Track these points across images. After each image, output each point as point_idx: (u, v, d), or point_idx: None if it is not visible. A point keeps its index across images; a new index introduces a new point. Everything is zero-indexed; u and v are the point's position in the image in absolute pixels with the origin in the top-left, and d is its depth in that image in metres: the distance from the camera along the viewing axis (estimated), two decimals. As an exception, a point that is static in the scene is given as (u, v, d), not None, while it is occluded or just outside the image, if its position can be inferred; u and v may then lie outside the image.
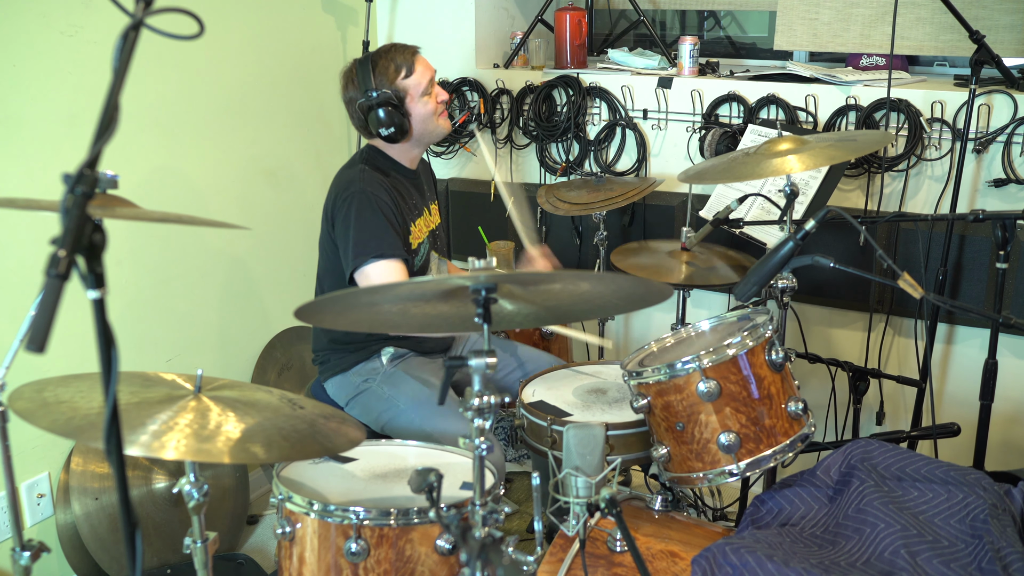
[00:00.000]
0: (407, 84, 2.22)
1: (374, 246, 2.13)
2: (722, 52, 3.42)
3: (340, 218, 2.18)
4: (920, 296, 1.68)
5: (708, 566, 1.54)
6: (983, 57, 2.36)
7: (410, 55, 2.25)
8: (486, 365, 1.38)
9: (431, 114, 2.27)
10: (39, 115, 2.26)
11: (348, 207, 2.16)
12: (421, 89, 2.24)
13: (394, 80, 2.21)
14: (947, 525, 1.57)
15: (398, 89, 2.22)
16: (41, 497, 2.38)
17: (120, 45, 0.99)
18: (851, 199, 2.73)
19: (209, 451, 1.40)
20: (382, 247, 2.13)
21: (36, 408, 1.45)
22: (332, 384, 2.33)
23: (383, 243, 2.13)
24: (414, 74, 2.23)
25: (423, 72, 2.25)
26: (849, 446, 1.77)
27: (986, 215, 2.11)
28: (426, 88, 2.25)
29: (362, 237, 2.14)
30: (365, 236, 2.14)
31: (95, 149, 0.96)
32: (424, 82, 2.24)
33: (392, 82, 2.21)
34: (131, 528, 1.05)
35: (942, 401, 2.75)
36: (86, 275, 0.95)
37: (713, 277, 2.51)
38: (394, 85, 2.21)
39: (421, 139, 2.31)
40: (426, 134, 2.30)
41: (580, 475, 1.68)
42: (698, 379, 1.76)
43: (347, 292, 1.41)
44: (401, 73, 2.22)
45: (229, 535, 2.72)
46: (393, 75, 2.21)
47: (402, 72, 2.22)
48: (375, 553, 1.62)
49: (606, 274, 1.53)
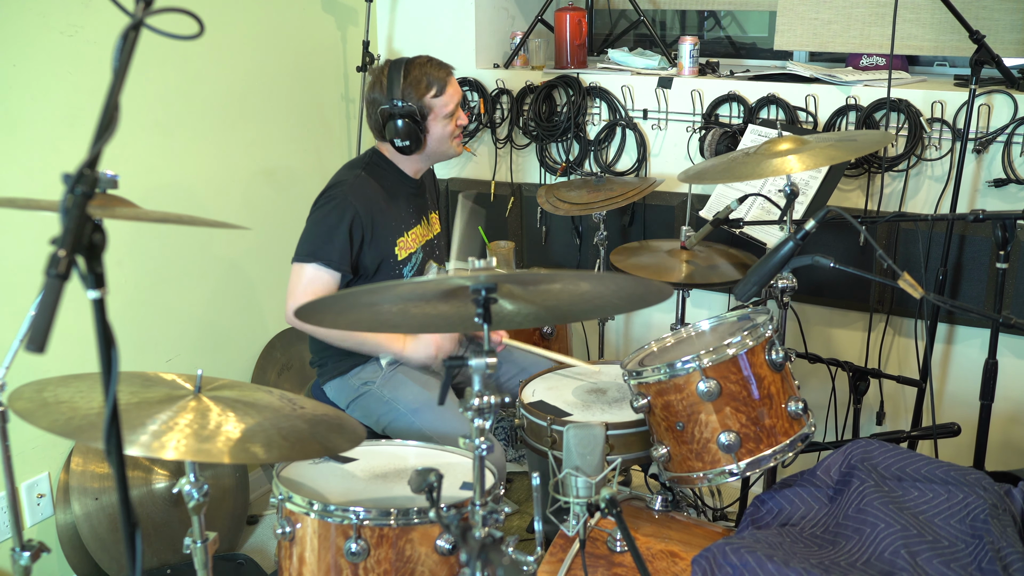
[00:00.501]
0: (435, 103, 2.22)
1: (318, 250, 2.14)
2: (722, 52, 3.42)
3: (316, 209, 2.21)
4: (920, 296, 1.68)
5: (708, 566, 1.54)
6: (983, 57, 2.36)
7: (444, 74, 2.24)
8: (486, 365, 1.37)
9: (448, 136, 2.27)
10: (39, 115, 2.26)
11: (322, 205, 2.19)
12: (447, 111, 2.24)
13: (423, 96, 2.20)
14: (947, 525, 1.57)
15: (424, 105, 2.21)
16: (41, 497, 2.38)
17: (120, 45, 0.99)
18: (851, 199, 2.73)
19: (209, 451, 1.40)
20: (329, 256, 2.14)
21: (36, 408, 1.45)
22: (331, 387, 2.33)
23: (332, 254, 2.14)
24: (444, 95, 2.22)
25: (452, 95, 2.24)
26: (849, 446, 1.77)
27: (986, 215, 2.11)
28: (452, 111, 2.24)
29: (313, 235, 2.16)
30: (316, 236, 2.15)
31: (95, 149, 0.96)
32: (452, 105, 2.24)
33: (420, 97, 2.20)
34: (131, 528, 1.05)
35: (942, 401, 2.75)
36: (86, 275, 0.95)
37: (713, 277, 2.51)
38: (421, 101, 2.20)
39: (432, 157, 2.32)
40: (437, 153, 2.31)
41: (580, 475, 1.68)
42: (698, 379, 1.76)
43: (346, 292, 1.41)
44: (432, 91, 2.21)
45: (229, 535, 2.72)
46: (424, 90, 2.20)
47: (432, 90, 2.21)
48: (375, 553, 1.62)
49: (606, 274, 1.53)
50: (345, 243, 2.15)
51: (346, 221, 2.15)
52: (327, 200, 2.19)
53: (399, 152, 2.25)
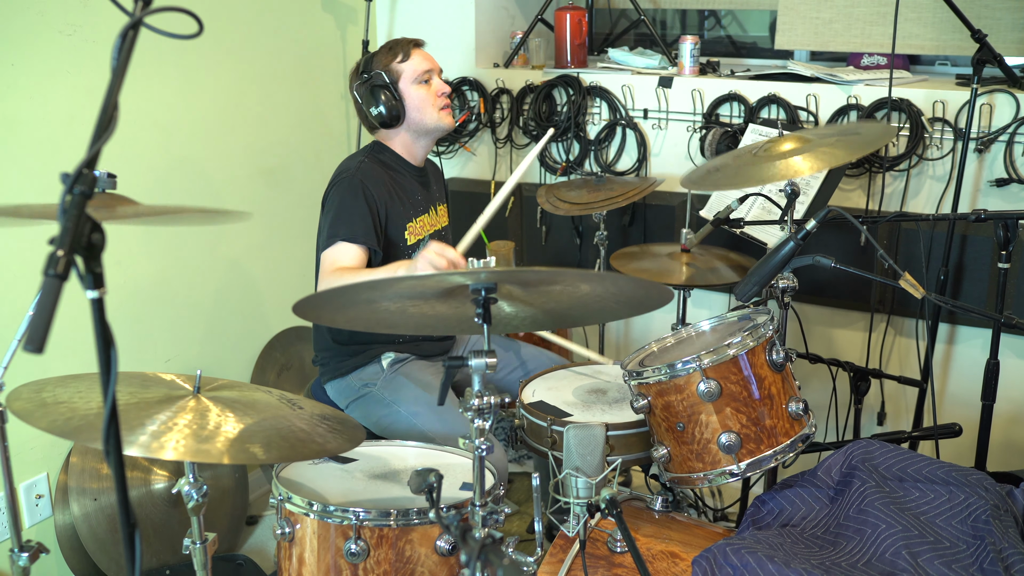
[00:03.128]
0: (401, 67, 2.23)
1: (345, 230, 2.12)
2: (723, 51, 3.42)
3: (327, 203, 2.20)
4: (921, 296, 1.68)
5: (708, 567, 1.53)
6: (985, 56, 2.36)
7: (409, 44, 2.26)
8: (486, 365, 1.37)
9: (427, 103, 2.25)
10: (37, 115, 2.25)
11: (335, 191, 2.18)
12: (415, 76, 2.24)
13: (389, 63, 2.23)
14: (948, 526, 1.57)
15: (391, 72, 2.23)
16: (40, 498, 2.38)
17: (119, 44, 0.99)
18: (852, 199, 2.73)
19: (208, 451, 1.39)
20: (352, 232, 2.12)
21: (35, 408, 1.45)
22: (332, 387, 2.32)
23: (354, 228, 2.12)
24: (409, 60, 2.24)
25: (420, 60, 2.25)
26: (850, 446, 1.76)
27: (988, 215, 2.10)
28: (421, 76, 2.24)
29: (330, 220, 2.15)
30: (334, 219, 2.14)
31: (94, 149, 0.95)
32: (419, 69, 2.24)
33: (387, 65, 2.23)
34: (130, 529, 1.04)
35: (943, 401, 2.75)
36: (85, 275, 0.95)
37: (713, 277, 2.51)
38: (388, 67, 2.23)
39: (418, 129, 2.28)
40: (422, 124, 2.27)
41: (580, 475, 1.67)
42: (698, 379, 1.76)
43: (346, 287, 1.41)
44: (397, 57, 2.24)
45: (228, 536, 2.71)
46: (388, 59, 2.24)
47: (398, 56, 2.24)
48: (375, 554, 1.62)
49: (607, 273, 1.52)
50: (366, 215, 2.14)
51: (360, 197, 2.14)
52: (337, 184, 2.19)
53: (383, 126, 2.26)
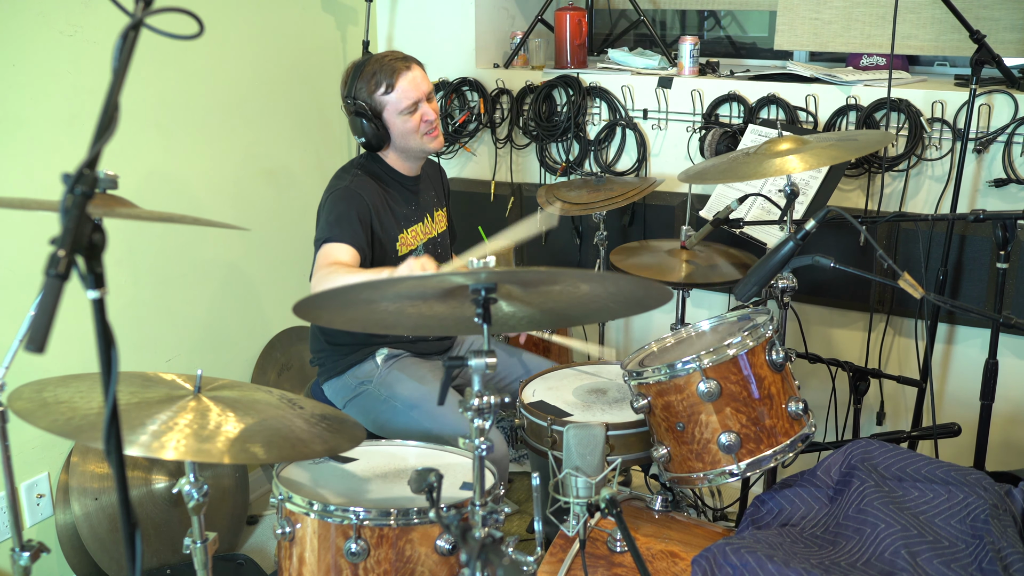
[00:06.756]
0: (384, 100, 2.19)
1: (331, 234, 2.13)
2: (722, 52, 3.42)
3: (320, 214, 2.21)
4: (920, 296, 1.68)
5: (708, 566, 1.54)
6: (984, 57, 2.36)
7: (394, 73, 2.18)
8: (486, 365, 1.37)
9: (412, 132, 2.22)
10: (38, 115, 2.26)
11: (328, 200, 2.19)
12: (400, 108, 2.19)
13: (373, 93, 2.18)
14: (947, 525, 1.57)
15: (374, 103, 2.19)
16: (40, 497, 2.38)
17: (120, 45, 0.99)
18: (851, 199, 2.73)
19: (209, 451, 1.40)
20: (342, 234, 2.12)
21: (36, 408, 1.45)
22: (329, 387, 2.33)
23: (344, 231, 2.13)
24: (394, 91, 2.18)
25: (406, 91, 2.18)
26: (849, 446, 1.76)
27: (986, 215, 2.10)
28: (407, 108, 2.19)
29: (324, 224, 2.16)
30: (327, 223, 2.15)
31: (95, 149, 0.96)
32: (405, 102, 2.18)
33: (371, 94, 2.18)
34: (131, 528, 1.05)
35: (942, 401, 2.75)
36: (86, 275, 0.95)
37: (713, 276, 2.51)
38: (372, 98, 2.18)
39: (405, 152, 2.28)
40: (409, 149, 2.26)
41: (580, 475, 1.67)
42: (698, 379, 1.76)
43: (345, 288, 1.41)
44: (380, 89, 2.18)
45: (229, 535, 2.71)
46: (373, 88, 2.18)
47: (381, 88, 2.18)
48: (375, 553, 1.62)
49: (607, 273, 1.53)
50: (357, 225, 2.14)
51: (354, 208, 2.15)
52: (332, 194, 2.20)
53: (367, 148, 2.26)
